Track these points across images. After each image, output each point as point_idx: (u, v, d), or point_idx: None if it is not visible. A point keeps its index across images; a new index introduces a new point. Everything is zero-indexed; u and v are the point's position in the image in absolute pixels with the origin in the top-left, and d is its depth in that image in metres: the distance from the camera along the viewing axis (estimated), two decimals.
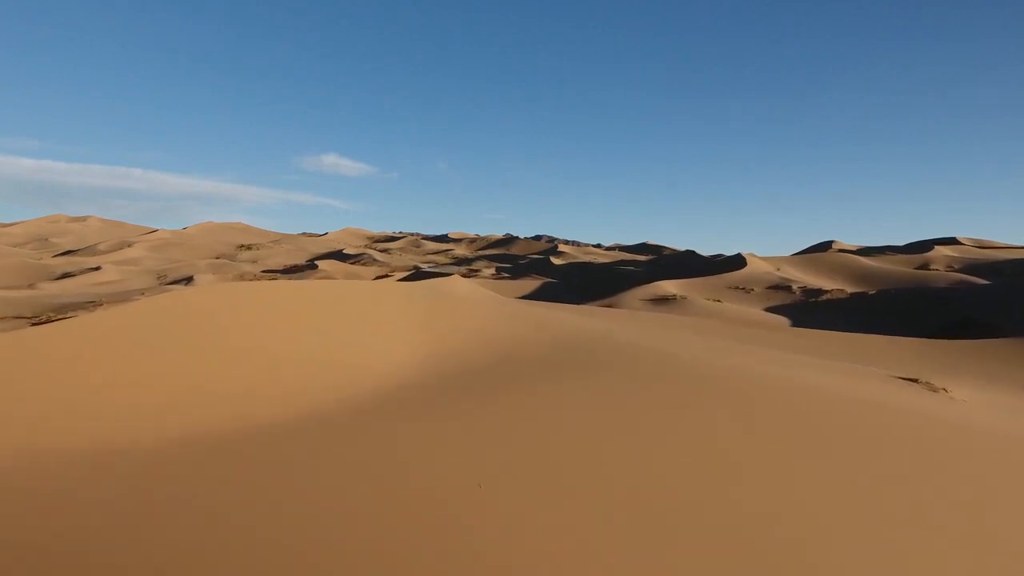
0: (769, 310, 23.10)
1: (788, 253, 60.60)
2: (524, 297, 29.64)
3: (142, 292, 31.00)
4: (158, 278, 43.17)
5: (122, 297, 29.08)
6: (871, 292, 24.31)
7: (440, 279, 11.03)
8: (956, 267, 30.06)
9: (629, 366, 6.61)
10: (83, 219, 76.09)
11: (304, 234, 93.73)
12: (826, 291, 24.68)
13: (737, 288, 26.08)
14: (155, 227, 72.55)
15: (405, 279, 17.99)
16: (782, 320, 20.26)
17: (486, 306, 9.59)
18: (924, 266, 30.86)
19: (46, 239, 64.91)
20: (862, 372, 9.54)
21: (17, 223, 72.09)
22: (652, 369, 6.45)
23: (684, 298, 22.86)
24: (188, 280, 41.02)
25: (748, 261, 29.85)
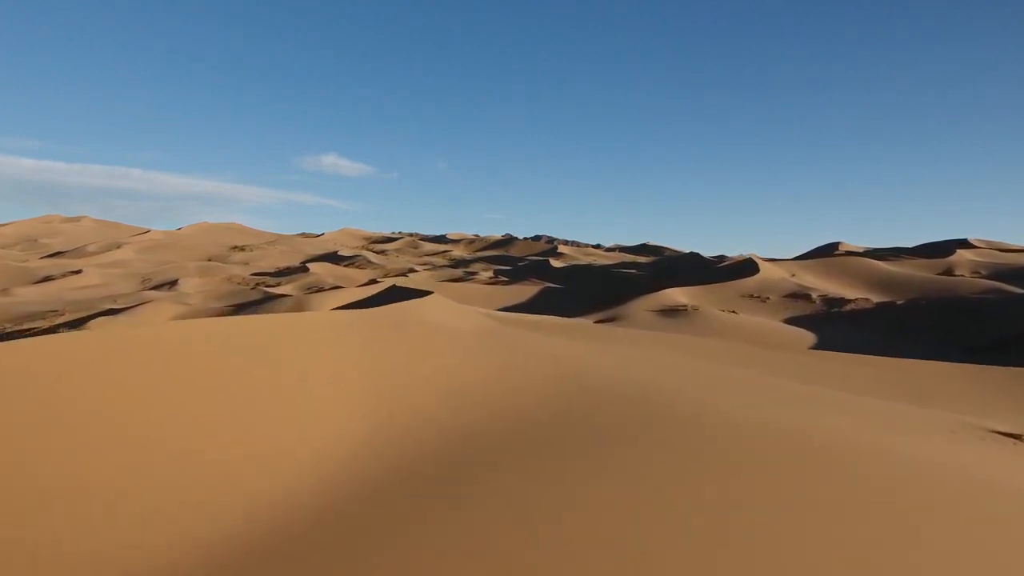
0: (789, 321, 20.79)
1: (789, 254, 58.38)
2: (520, 306, 27.30)
3: (115, 299, 28.65)
4: (142, 281, 40.91)
5: (89, 306, 26.74)
6: (899, 302, 21.97)
7: (411, 302, 8.70)
8: (983, 272, 27.69)
9: (689, 445, 4.27)
10: (77, 219, 73.73)
11: (303, 234, 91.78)
12: (849, 300, 22.34)
13: (751, 296, 23.76)
14: (153, 228, 70.37)
15: (375, 298, 15.66)
16: (807, 335, 17.91)
17: (464, 343, 7.27)
18: (948, 271, 28.49)
19: (36, 240, 62.61)
20: (957, 426, 7.23)
21: (9, 223, 69.76)
22: (738, 451, 4.09)
23: (696, 309, 20.52)
24: (173, 284, 38.76)
25: (760, 266, 27.50)
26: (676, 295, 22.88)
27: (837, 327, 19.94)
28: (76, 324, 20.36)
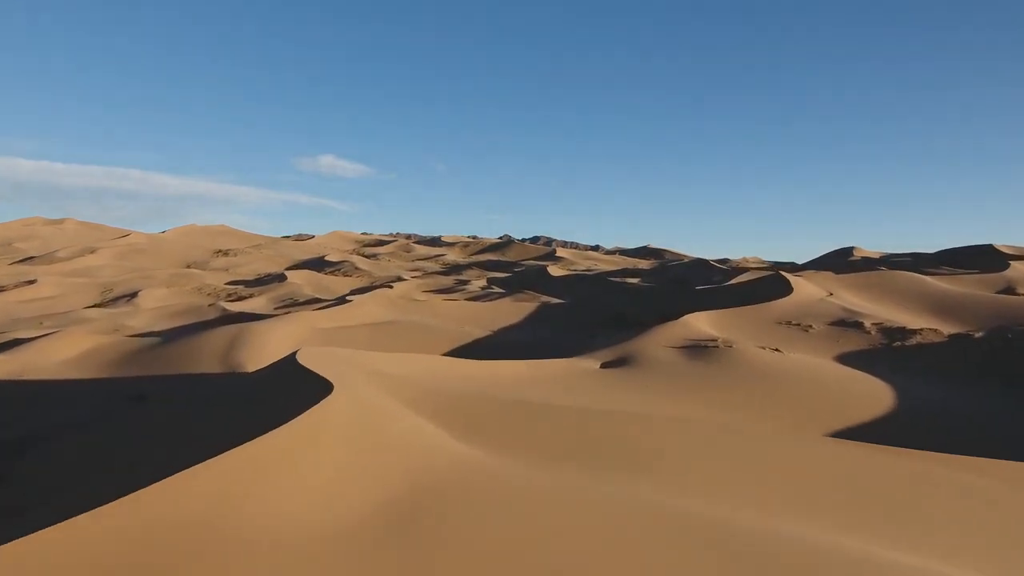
0: (842, 359, 16.10)
1: (790, 257, 53.36)
2: (514, 328, 22.64)
3: (41, 321, 24.00)
4: (101, 293, 36.20)
5: (8, 327, 22.13)
6: (976, 334, 17.24)
7: (255, 469, 4.06)
8: None
9: None
10: (59, 222, 69.06)
11: (297, 236, 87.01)
12: (913, 331, 17.62)
13: (790, 324, 19.02)
14: (154, 230, 65.84)
15: (270, 374, 10.77)
16: (883, 390, 13.21)
17: None
18: (1009, 289, 23.81)
19: (11, 244, 57.96)
20: None
21: None
22: None
23: (730, 346, 15.77)
24: (133, 296, 34.06)
25: (794, 284, 22.80)
26: (701, 324, 18.15)
27: (905, 367, 15.25)
28: None
